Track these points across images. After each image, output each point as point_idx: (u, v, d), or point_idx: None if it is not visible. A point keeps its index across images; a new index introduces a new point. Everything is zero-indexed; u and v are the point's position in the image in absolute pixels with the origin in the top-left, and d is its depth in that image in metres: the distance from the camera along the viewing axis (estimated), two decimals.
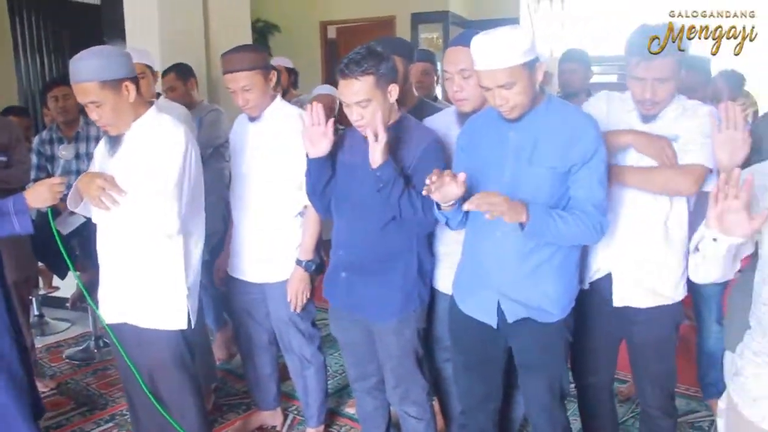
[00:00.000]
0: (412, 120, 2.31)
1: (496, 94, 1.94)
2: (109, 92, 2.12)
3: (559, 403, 2.22)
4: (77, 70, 2.12)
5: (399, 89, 2.23)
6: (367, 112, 2.16)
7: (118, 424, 3.24)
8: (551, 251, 2.05)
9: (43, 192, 2.24)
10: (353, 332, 2.46)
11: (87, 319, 4.28)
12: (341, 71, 2.13)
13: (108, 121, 2.18)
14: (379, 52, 2.15)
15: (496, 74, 1.91)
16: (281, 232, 2.69)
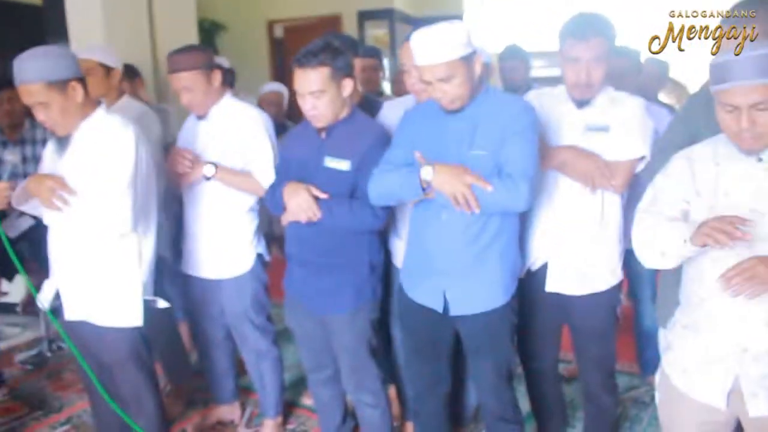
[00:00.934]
0: (361, 115, 2.38)
1: (436, 87, 2.02)
2: (55, 93, 2.12)
3: (506, 384, 2.31)
4: (22, 70, 2.11)
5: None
6: (321, 102, 2.22)
7: (75, 425, 3.23)
8: (493, 234, 2.12)
9: None
10: (308, 324, 2.51)
11: (39, 323, 4.22)
12: (298, 61, 2.19)
13: (55, 122, 2.18)
14: (336, 47, 2.22)
15: (435, 69, 1.98)
16: (233, 227, 2.73)
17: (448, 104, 2.06)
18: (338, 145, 2.31)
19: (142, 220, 2.31)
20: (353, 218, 2.27)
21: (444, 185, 2.02)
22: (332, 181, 2.30)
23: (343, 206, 2.27)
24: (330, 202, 2.27)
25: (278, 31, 8.74)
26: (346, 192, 2.30)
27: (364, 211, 2.27)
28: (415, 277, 2.28)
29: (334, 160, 2.30)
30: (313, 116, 2.26)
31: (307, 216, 2.27)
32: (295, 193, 2.28)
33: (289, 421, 3.15)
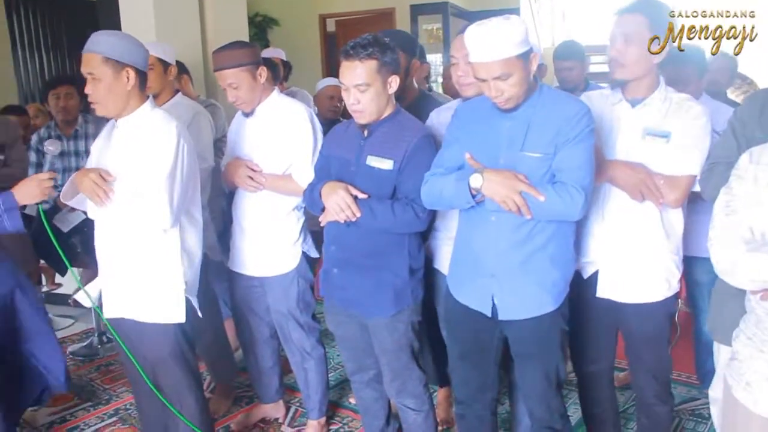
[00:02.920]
0: (405, 114, 2.32)
1: (491, 85, 1.94)
2: (108, 70, 2.15)
3: (555, 392, 2.22)
4: (92, 41, 2.18)
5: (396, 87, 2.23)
6: (365, 97, 2.17)
7: (122, 418, 3.26)
8: (545, 238, 2.04)
9: (32, 188, 2.24)
10: (348, 326, 2.47)
11: (90, 315, 4.29)
12: (345, 52, 2.15)
13: (98, 100, 2.20)
14: (386, 42, 2.17)
15: (491, 66, 1.91)
16: (279, 225, 2.70)
17: (502, 103, 1.99)
18: (381, 144, 2.25)
19: (186, 216, 2.31)
20: (395, 219, 2.21)
21: (494, 192, 1.95)
22: (374, 181, 2.25)
23: (385, 206, 2.21)
24: (371, 201, 2.22)
25: (330, 25, 8.76)
26: (387, 192, 2.25)
27: (407, 212, 2.21)
28: (462, 279, 2.21)
29: (377, 159, 2.24)
30: (355, 111, 2.22)
31: (345, 215, 2.22)
32: (333, 192, 2.23)
33: (333, 422, 3.12)
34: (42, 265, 4.16)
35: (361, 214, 2.21)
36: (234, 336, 3.29)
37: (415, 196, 2.20)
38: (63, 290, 4.89)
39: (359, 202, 2.21)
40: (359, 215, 2.21)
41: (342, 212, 2.22)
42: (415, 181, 2.18)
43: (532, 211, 1.94)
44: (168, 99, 3.02)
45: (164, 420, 2.46)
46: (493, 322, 2.14)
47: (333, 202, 2.23)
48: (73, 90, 4.02)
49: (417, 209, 2.20)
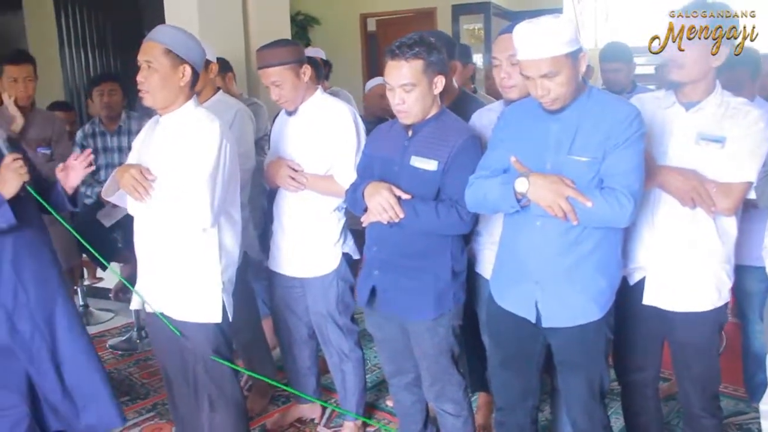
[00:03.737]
0: (450, 115, 2.29)
1: (538, 84, 1.90)
2: (166, 62, 2.16)
3: (599, 402, 2.18)
4: (157, 30, 2.20)
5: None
6: (410, 97, 2.15)
7: (160, 413, 3.28)
8: (593, 245, 2.00)
9: (6, 175, 2.19)
10: (388, 329, 2.44)
11: (130, 310, 4.33)
12: (391, 51, 2.14)
13: (149, 88, 2.20)
14: (432, 42, 2.15)
15: (540, 64, 1.87)
16: (320, 226, 2.69)
17: (549, 103, 1.94)
18: (425, 145, 2.22)
19: (225, 215, 2.30)
20: (438, 221, 2.18)
21: (540, 197, 1.91)
22: (417, 181, 2.22)
23: (429, 208, 2.18)
24: (414, 202, 2.19)
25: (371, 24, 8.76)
26: (431, 193, 2.22)
27: (450, 214, 2.17)
28: (505, 284, 2.17)
29: (421, 160, 2.22)
30: (400, 111, 2.19)
31: (388, 216, 2.19)
32: (376, 193, 2.20)
33: (369, 424, 3.09)
34: (84, 259, 4.21)
35: (405, 215, 2.18)
36: (272, 334, 3.29)
37: (459, 198, 2.16)
38: (104, 284, 4.96)
39: (402, 203, 2.19)
40: (402, 216, 2.18)
41: (385, 213, 2.19)
42: (460, 182, 2.15)
43: (578, 217, 1.89)
44: (209, 97, 3.02)
45: (198, 419, 2.45)
46: (537, 328, 2.10)
47: (376, 203, 2.20)
48: (117, 87, 4.08)
49: (461, 211, 2.17)
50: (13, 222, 2.21)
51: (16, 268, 2.33)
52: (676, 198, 2.06)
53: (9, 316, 2.32)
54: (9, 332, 2.33)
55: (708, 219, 2.08)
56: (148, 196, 2.20)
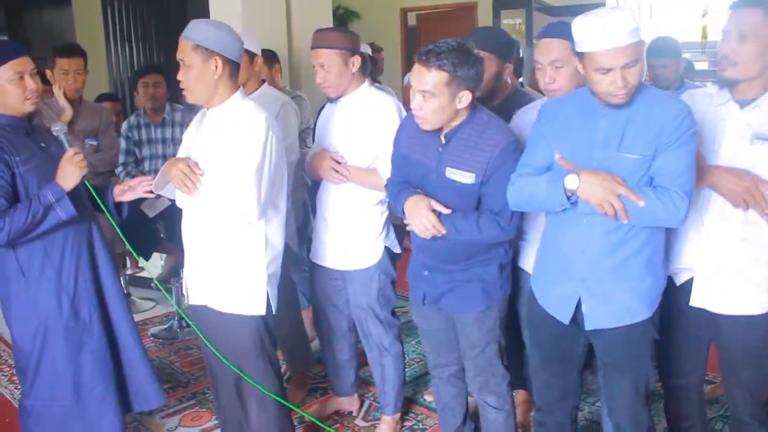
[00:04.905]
0: (483, 116, 2.19)
1: (618, 75, 1.82)
2: (198, 57, 2.17)
3: (644, 403, 2.14)
4: (188, 27, 2.21)
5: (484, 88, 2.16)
6: (428, 105, 2.09)
7: (200, 401, 3.32)
8: (640, 244, 1.96)
9: (69, 169, 2.27)
10: (434, 320, 2.43)
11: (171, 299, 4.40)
12: (419, 55, 2.08)
13: (188, 86, 2.22)
14: (469, 55, 2.05)
15: (624, 52, 1.80)
16: (362, 219, 2.68)
17: (622, 96, 1.87)
18: (460, 154, 2.16)
19: (271, 208, 2.31)
20: (480, 234, 2.16)
21: (591, 195, 1.86)
22: (456, 194, 2.17)
23: (470, 222, 2.15)
24: (455, 218, 2.16)
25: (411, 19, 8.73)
26: (471, 205, 2.18)
27: (492, 226, 2.14)
28: (548, 283, 2.14)
29: (457, 172, 2.16)
30: (417, 116, 2.14)
31: (431, 234, 2.17)
32: (417, 211, 2.17)
33: (407, 418, 3.09)
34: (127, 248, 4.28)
35: (446, 231, 2.16)
36: (311, 326, 3.31)
37: (500, 210, 2.13)
38: (146, 273, 5.04)
39: (443, 219, 2.15)
40: (444, 232, 2.16)
41: (428, 231, 2.17)
42: (500, 194, 2.10)
43: (630, 216, 1.85)
44: (254, 89, 3.04)
45: (239, 410, 2.47)
46: (579, 329, 2.07)
47: (418, 222, 2.18)
48: (161, 79, 4.13)
49: (502, 222, 2.14)
50: (73, 213, 2.29)
51: (76, 254, 2.43)
52: (728, 199, 2.00)
53: (71, 302, 2.42)
54: (73, 317, 2.43)
55: (760, 220, 2.02)
56: (196, 190, 2.22)
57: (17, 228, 2.21)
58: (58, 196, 2.26)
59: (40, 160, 2.33)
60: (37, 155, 2.33)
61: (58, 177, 2.29)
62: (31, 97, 2.31)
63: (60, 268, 2.40)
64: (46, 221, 2.25)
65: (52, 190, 2.26)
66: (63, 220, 2.29)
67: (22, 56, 2.30)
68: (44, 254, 2.36)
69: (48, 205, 2.24)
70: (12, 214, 2.20)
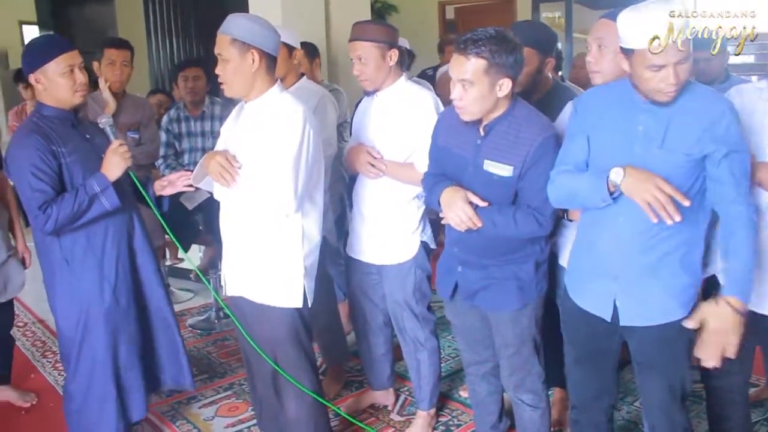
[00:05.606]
0: (523, 109, 2.16)
1: (670, 72, 1.77)
2: (235, 51, 2.19)
3: (679, 405, 2.08)
4: (225, 22, 2.23)
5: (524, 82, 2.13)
6: (468, 95, 2.06)
7: (236, 392, 3.36)
8: (677, 242, 1.91)
9: (115, 161, 2.35)
10: (469, 317, 2.41)
11: (209, 290, 4.45)
12: (457, 44, 2.06)
13: (225, 80, 2.24)
14: (507, 41, 2.01)
15: (680, 48, 1.76)
16: (399, 214, 2.67)
17: (673, 94, 1.81)
18: (498, 147, 2.13)
19: (308, 201, 2.32)
20: (516, 229, 2.13)
21: (635, 189, 1.81)
22: (493, 187, 2.15)
23: (506, 216, 2.12)
24: (491, 211, 2.13)
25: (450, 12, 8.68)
26: (507, 198, 2.15)
27: (528, 220, 2.11)
28: (582, 280, 2.10)
29: (495, 165, 2.13)
30: (457, 107, 2.12)
31: (466, 227, 2.15)
32: (453, 203, 2.15)
33: (442, 414, 3.08)
34: (167, 239, 4.34)
35: (482, 225, 2.14)
36: (347, 319, 3.31)
37: (537, 204, 2.10)
38: (185, 264, 5.11)
39: (479, 212, 2.13)
40: (480, 225, 2.14)
41: (463, 224, 2.15)
42: (537, 188, 2.08)
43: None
44: (293, 83, 3.05)
45: (275, 401, 2.49)
46: (613, 326, 2.03)
47: (453, 214, 2.16)
48: (201, 72, 4.17)
49: (539, 218, 2.11)
50: (117, 204, 2.36)
51: (117, 244, 2.50)
52: None
53: (113, 290, 2.49)
54: (114, 305, 2.50)
55: None
56: (234, 183, 2.24)
57: (64, 216, 2.28)
58: (104, 186, 2.32)
59: (85, 151, 2.39)
60: (82, 147, 2.40)
61: (103, 168, 2.35)
62: (80, 89, 2.40)
63: (102, 257, 2.46)
64: (91, 210, 2.32)
65: (98, 180, 2.32)
66: (107, 209, 2.34)
67: (72, 50, 2.39)
68: (87, 243, 2.43)
69: (93, 195, 2.30)
70: (59, 203, 2.28)
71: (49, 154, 2.30)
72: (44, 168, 2.29)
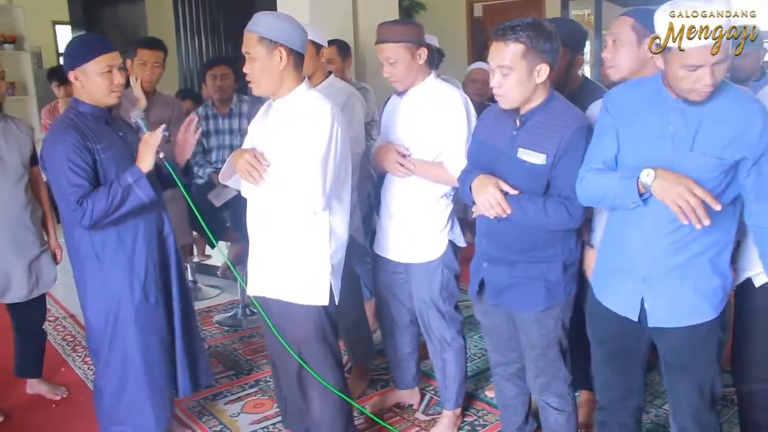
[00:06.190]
0: (560, 102, 2.17)
1: (707, 72, 1.72)
2: (262, 49, 2.19)
3: (709, 407, 2.05)
4: (252, 20, 2.23)
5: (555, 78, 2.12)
6: (507, 81, 2.07)
7: (262, 389, 3.37)
8: (707, 243, 1.88)
9: (146, 151, 2.36)
10: (496, 317, 2.40)
11: (236, 287, 4.48)
12: (495, 32, 2.07)
13: (253, 78, 2.25)
14: (544, 28, 2.05)
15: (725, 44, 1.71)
16: (427, 212, 2.66)
17: (707, 94, 1.78)
18: (533, 136, 2.14)
19: (336, 199, 2.32)
20: (547, 218, 2.11)
21: (666, 193, 1.77)
22: (525, 175, 2.14)
23: (536, 204, 2.11)
24: (522, 199, 2.12)
25: (477, 10, 8.63)
26: (539, 187, 2.14)
27: (559, 210, 2.10)
28: (609, 281, 2.08)
29: (529, 153, 2.13)
30: (497, 95, 2.12)
31: (495, 212, 2.14)
32: (483, 188, 2.15)
33: (467, 413, 3.06)
34: (194, 236, 4.38)
35: (512, 212, 2.13)
36: (373, 318, 3.31)
37: (568, 193, 2.08)
38: (212, 261, 5.16)
39: (510, 199, 2.12)
40: (510, 212, 2.13)
41: (492, 209, 2.14)
42: (569, 177, 2.07)
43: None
44: (320, 81, 3.05)
45: (300, 401, 2.50)
46: (641, 326, 2.00)
47: (483, 199, 2.15)
48: (229, 70, 4.20)
49: (570, 207, 2.09)
50: (152, 195, 2.37)
51: (148, 241, 2.53)
52: None
53: (142, 287, 2.51)
54: (143, 301, 2.52)
55: None
56: (262, 181, 2.24)
57: (99, 210, 2.30)
58: (137, 177, 2.34)
59: (118, 148, 2.42)
60: (116, 144, 2.43)
61: (138, 161, 2.38)
62: (116, 90, 2.42)
63: (132, 254, 2.48)
64: (126, 203, 2.34)
65: (131, 171, 2.35)
66: (143, 201, 2.36)
67: (113, 51, 2.42)
68: (117, 239, 2.45)
69: (127, 186, 2.32)
70: (94, 196, 2.31)
71: (84, 150, 2.33)
72: (80, 163, 2.32)
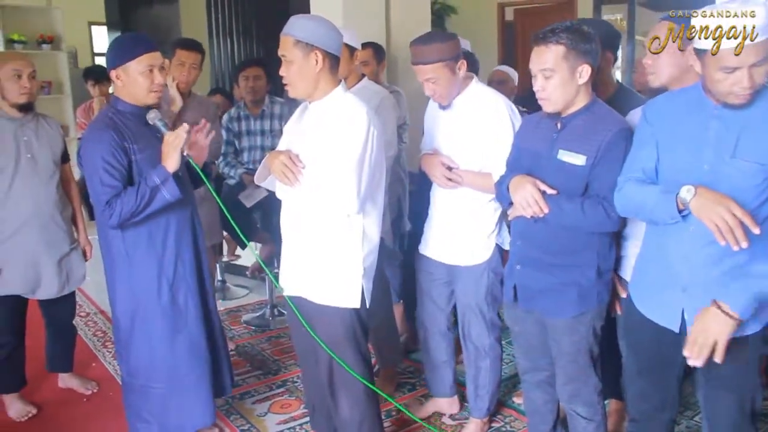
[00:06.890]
0: (602, 106, 2.17)
1: (744, 74, 1.70)
2: (298, 52, 2.20)
3: (750, 424, 2.00)
4: (288, 23, 2.24)
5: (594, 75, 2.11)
6: (550, 84, 2.07)
7: (289, 389, 3.39)
8: (750, 254, 1.82)
9: (171, 150, 2.36)
10: (526, 323, 2.38)
11: (264, 287, 4.51)
12: (536, 37, 2.08)
13: (290, 81, 2.26)
14: (584, 31, 2.06)
15: (756, 49, 1.67)
16: (476, 216, 2.65)
17: (747, 97, 1.75)
18: (574, 138, 2.13)
19: (370, 202, 2.32)
20: (584, 218, 2.10)
21: (704, 211, 1.75)
22: (564, 176, 2.13)
23: (574, 204, 2.10)
24: (559, 198, 2.12)
25: (509, 14, 8.59)
26: (578, 189, 2.13)
27: (597, 212, 2.08)
28: (648, 290, 2.04)
29: (569, 154, 2.13)
30: (540, 99, 2.12)
31: (533, 211, 2.13)
32: (521, 187, 2.15)
33: (495, 419, 3.04)
34: (224, 236, 4.41)
35: (549, 211, 2.12)
36: (401, 321, 3.29)
37: (607, 194, 2.07)
38: (241, 261, 5.19)
39: (547, 199, 2.12)
40: (547, 211, 2.12)
41: (529, 207, 2.14)
42: (609, 178, 2.05)
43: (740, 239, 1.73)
44: (354, 84, 3.06)
45: (329, 403, 2.49)
46: (679, 337, 1.96)
47: (521, 197, 2.15)
48: (262, 72, 4.22)
49: (608, 208, 2.07)
50: (178, 195, 2.38)
51: (178, 241, 2.54)
52: None
53: (170, 287, 2.53)
54: (170, 302, 2.54)
55: None
56: (297, 182, 2.25)
57: (128, 210, 2.33)
58: (164, 177, 2.35)
59: (154, 149, 2.43)
60: (152, 145, 2.44)
61: (164, 161, 2.38)
62: (156, 90, 2.44)
63: (162, 254, 2.50)
64: (153, 203, 2.35)
65: (158, 172, 2.36)
66: (169, 201, 2.37)
67: (155, 51, 2.43)
68: (148, 238, 2.47)
69: (154, 186, 2.34)
70: (122, 197, 2.33)
71: (120, 150, 2.35)
72: (115, 164, 2.34)
